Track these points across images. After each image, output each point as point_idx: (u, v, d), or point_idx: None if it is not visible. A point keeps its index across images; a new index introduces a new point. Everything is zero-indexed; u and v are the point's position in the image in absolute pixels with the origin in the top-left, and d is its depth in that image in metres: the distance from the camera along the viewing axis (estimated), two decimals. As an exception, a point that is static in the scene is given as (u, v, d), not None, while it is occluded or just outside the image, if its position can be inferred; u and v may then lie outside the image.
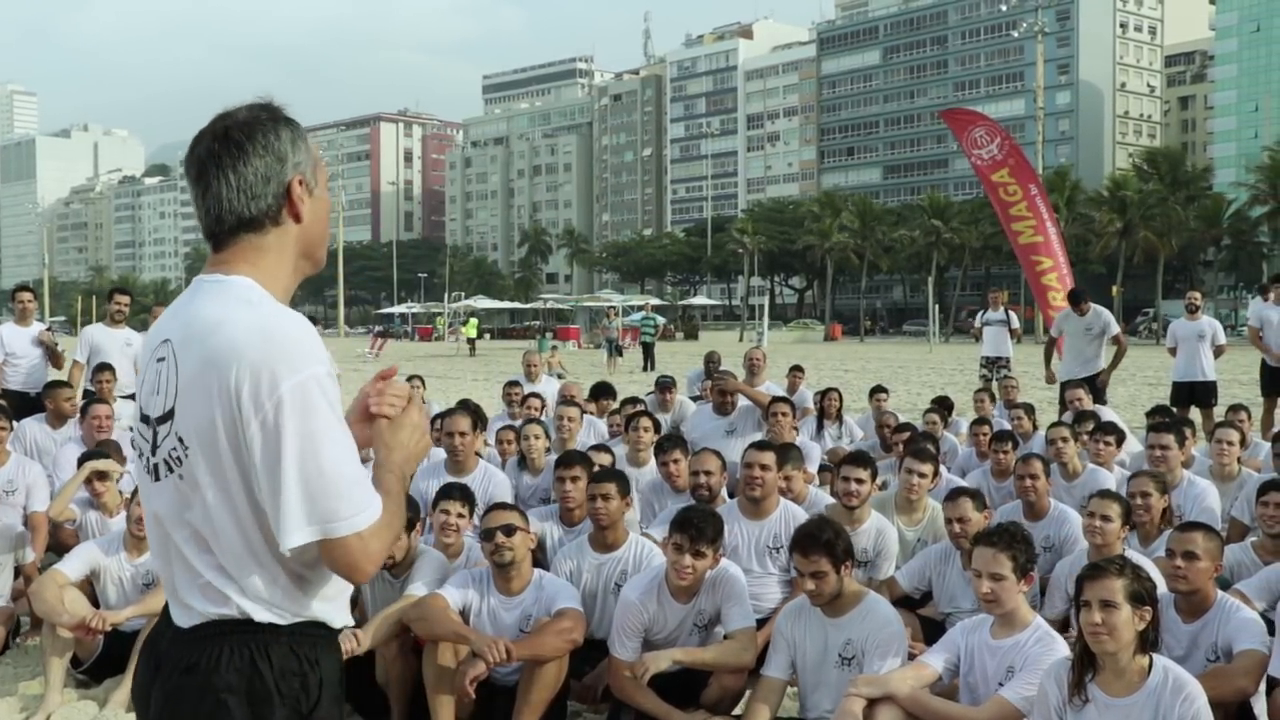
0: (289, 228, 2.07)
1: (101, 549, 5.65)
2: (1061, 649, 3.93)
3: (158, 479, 2.02)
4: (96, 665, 5.57)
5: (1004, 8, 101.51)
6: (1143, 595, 3.50)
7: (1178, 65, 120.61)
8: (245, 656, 1.96)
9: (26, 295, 10.28)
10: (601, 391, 11.31)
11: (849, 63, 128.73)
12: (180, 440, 1.96)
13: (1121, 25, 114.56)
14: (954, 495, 5.53)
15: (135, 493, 5.77)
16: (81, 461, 6.80)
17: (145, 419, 2.06)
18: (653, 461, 7.48)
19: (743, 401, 8.73)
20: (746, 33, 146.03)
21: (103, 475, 6.60)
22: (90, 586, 5.63)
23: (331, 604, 2.06)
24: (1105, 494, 5.50)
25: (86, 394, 9.80)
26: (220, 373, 1.90)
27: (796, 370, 12.88)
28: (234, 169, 2.02)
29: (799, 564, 4.40)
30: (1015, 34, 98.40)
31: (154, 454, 2.02)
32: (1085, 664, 3.55)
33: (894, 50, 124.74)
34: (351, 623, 2.15)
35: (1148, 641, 3.52)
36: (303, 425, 1.88)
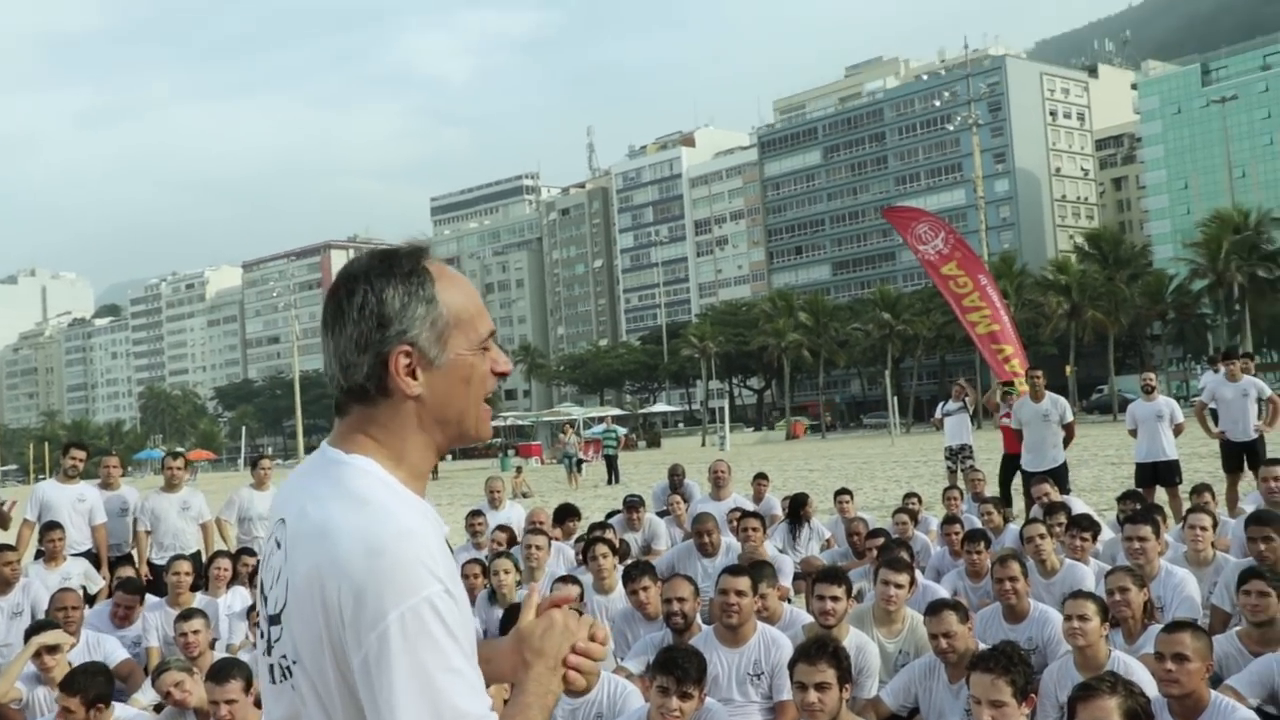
0: (403, 403, 1.76)
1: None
2: (1063, 774, 3.79)
3: (274, 681, 1.79)
4: None
5: (937, 103, 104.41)
6: (1139, 713, 3.39)
7: (1108, 148, 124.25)
8: None
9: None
10: (566, 514, 11.15)
11: (791, 164, 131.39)
12: (290, 649, 1.73)
13: (1051, 113, 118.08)
14: (936, 609, 5.40)
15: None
16: (30, 634, 6.50)
17: (264, 599, 1.81)
18: (620, 588, 7.32)
19: (725, 540, 8.63)
20: (688, 140, 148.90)
21: (52, 649, 6.30)
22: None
23: None
24: (1079, 594, 5.41)
25: (38, 554, 9.51)
26: (324, 591, 1.65)
27: (761, 478, 12.80)
28: (334, 332, 1.77)
29: (802, 675, 4.22)
30: (950, 127, 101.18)
31: (269, 653, 1.79)
32: (1087, 789, 3.41)
33: (834, 149, 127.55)
34: None
35: (1148, 761, 3.39)
36: (412, 661, 1.60)
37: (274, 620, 1.76)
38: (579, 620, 1.86)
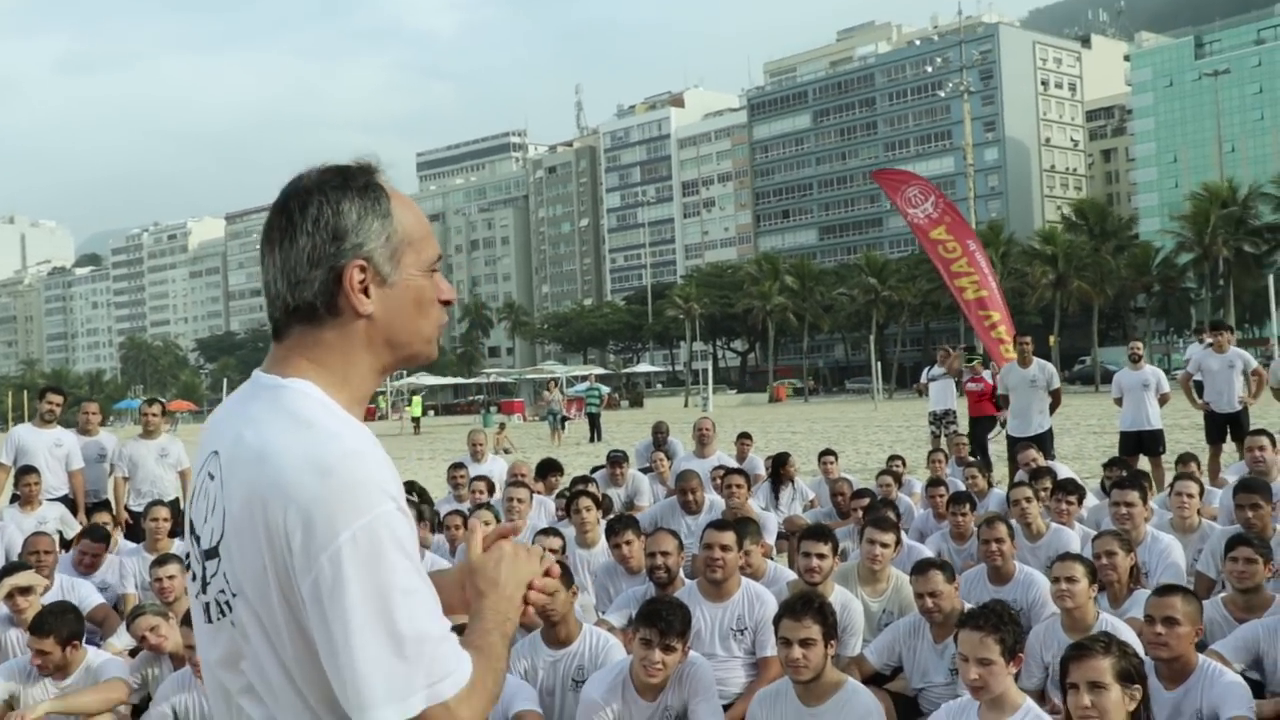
0: (352, 322, 1.69)
1: (20, 672, 5.29)
2: (1051, 734, 3.74)
3: (209, 620, 1.70)
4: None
5: (929, 69, 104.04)
6: (1131, 673, 3.33)
7: (1098, 120, 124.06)
8: None
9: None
10: (549, 468, 11.08)
11: (780, 127, 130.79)
12: (228, 583, 1.64)
13: (1043, 83, 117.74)
14: (923, 568, 5.35)
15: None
16: (2, 575, 6.41)
17: (195, 539, 1.73)
18: (603, 542, 7.27)
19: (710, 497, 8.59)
20: (678, 101, 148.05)
21: (25, 590, 6.21)
22: (11, 710, 5.27)
23: None
24: (1067, 556, 5.38)
25: (13, 498, 9.42)
26: (268, 515, 1.57)
27: (745, 437, 12.75)
28: (281, 247, 1.68)
29: (787, 630, 4.17)
30: (941, 94, 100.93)
31: (204, 590, 1.70)
32: (1077, 749, 3.36)
33: (824, 113, 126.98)
34: None
35: (1140, 722, 3.34)
36: (368, 581, 1.53)
37: (209, 555, 1.67)
38: (530, 552, 1.80)
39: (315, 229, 1.67)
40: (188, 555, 1.80)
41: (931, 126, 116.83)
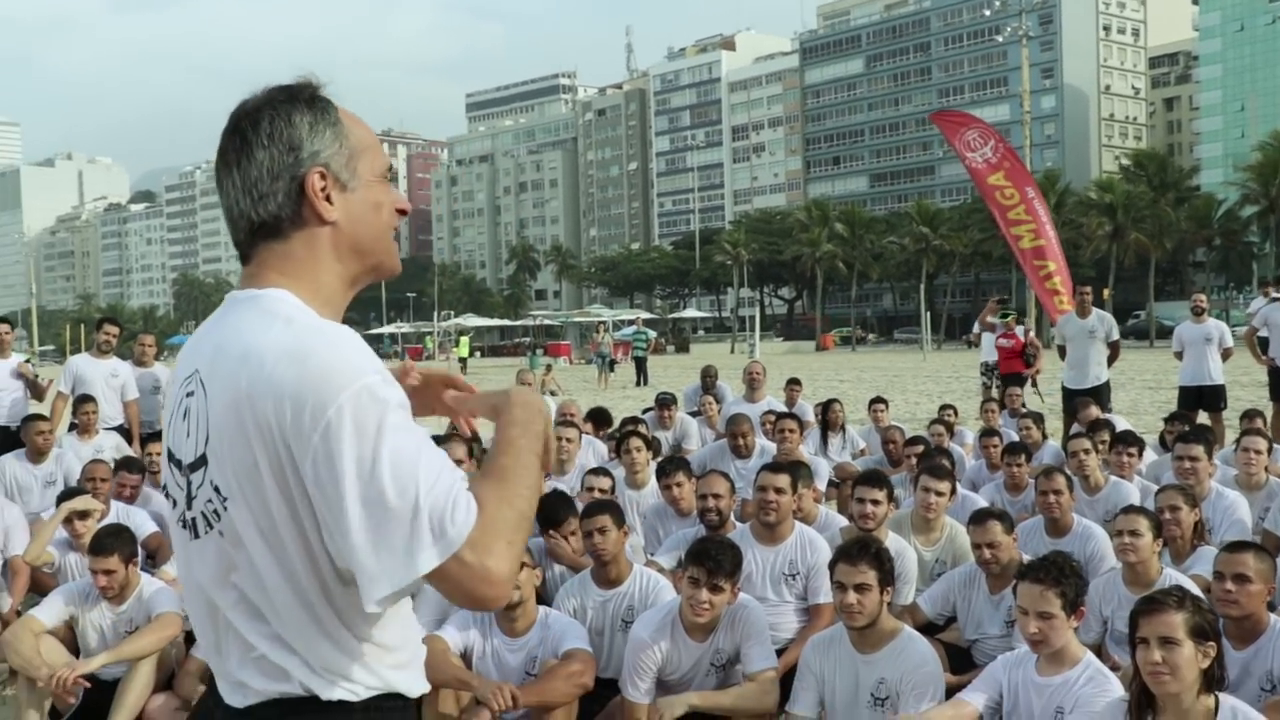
0: (315, 230, 1.72)
1: (80, 595, 5.34)
2: (1116, 689, 3.63)
3: (196, 536, 1.69)
4: (76, 717, 5.26)
5: (987, 13, 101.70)
6: (1205, 629, 3.21)
7: (1162, 67, 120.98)
8: None
9: (3, 327, 9.99)
10: (599, 418, 10.98)
11: (832, 72, 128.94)
12: (217, 490, 1.63)
13: (1105, 28, 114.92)
14: (981, 518, 5.24)
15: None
16: (61, 500, 6.49)
17: (176, 464, 1.73)
18: (652, 483, 7.22)
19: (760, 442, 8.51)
20: (729, 44, 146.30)
21: (83, 515, 6.29)
22: (71, 632, 5.34)
23: (407, 671, 1.73)
24: (1131, 509, 5.24)
25: (71, 426, 9.54)
26: (255, 409, 1.57)
27: (794, 383, 12.66)
28: (238, 165, 1.70)
29: (842, 575, 4.09)
30: (999, 39, 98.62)
31: (189, 507, 1.69)
32: (1144, 706, 3.26)
33: (877, 58, 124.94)
34: (429, 688, 1.80)
35: (1213, 680, 3.22)
36: (358, 448, 1.53)
37: (194, 467, 1.67)
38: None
39: (271, 142, 1.70)
40: (164, 483, 1.79)
41: (987, 73, 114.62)
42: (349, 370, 1.57)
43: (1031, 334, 15.31)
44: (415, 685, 1.75)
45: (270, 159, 1.69)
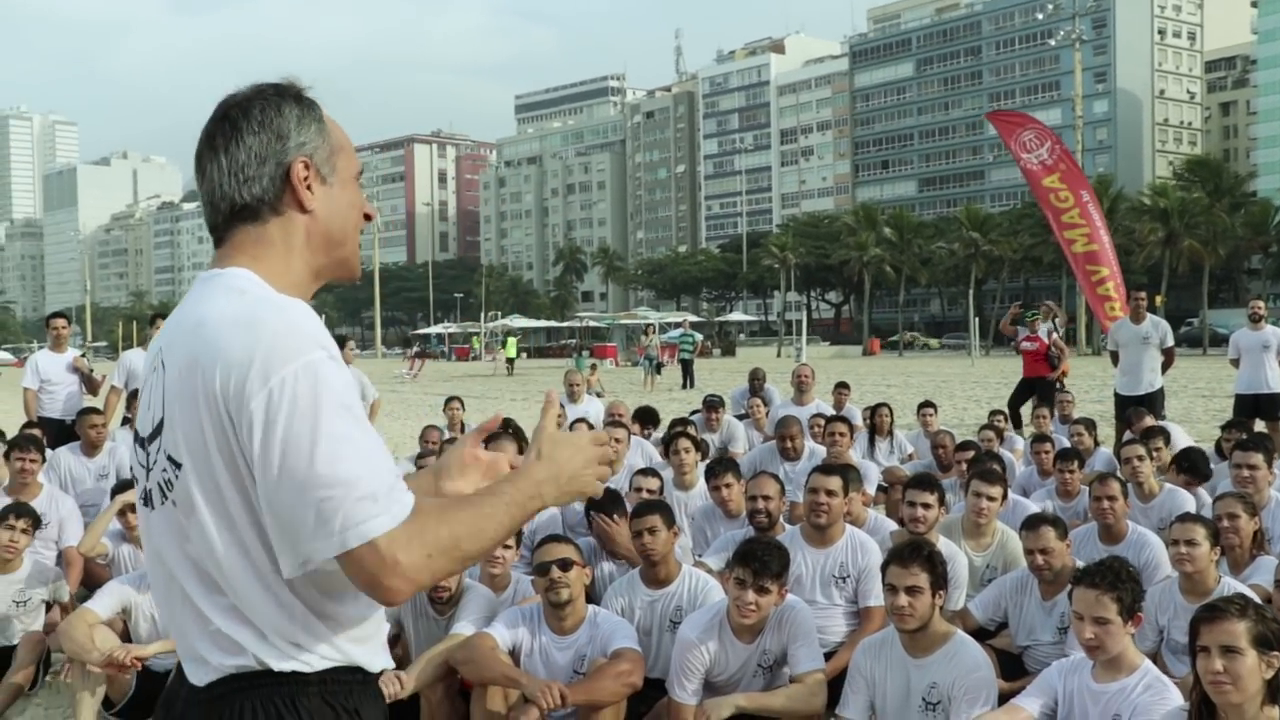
0: (293, 217, 1.77)
1: (133, 585, 5.41)
2: (1175, 698, 3.57)
3: (152, 507, 1.73)
4: (129, 706, 5.33)
5: (1039, 16, 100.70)
6: (1270, 639, 3.14)
7: (1218, 70, 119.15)
8: (271, 714, 1.66)
9: (60, 322, 10.15)
10: (645, 418, 10.98)
11: (882, 75, 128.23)
12: (170, 459, 1.66)
13: (1160, 31, 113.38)
14: (1034, 523, 5.17)
15: None
16: (115, 493, 6.58)
17: (140, 440, 1.78)
18: (701, 484, 7.20)
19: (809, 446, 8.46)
20: (778, 47, 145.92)
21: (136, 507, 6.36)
22: (123, 624, 5.40)
23: (366, 645, 1.74)
24: (1187, 517, 5.15)
25: (124, 420, 9.67)
26: (204, 376, 1.61)
27: (842, 387, 12.59)
28: (225, 149, 1.76)
29: (894, 577, 4.05)
30: (1051, 42, 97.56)
31: (147, 478, 1.73)
32: (1204, 717, 3.20)
33: (927, 62, 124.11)
34: (392, 665, 1.81)
35: (1277, 692, 3.15)
36: (294, 423, 1.56)
37: (150, 439, 1.72)
38: (597, 445, 1.82)
39: (262, 128, 1.75)
40: (131, 465, 1.82)
41: (1039, 77, 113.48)
42: (295, 343, 1.60)
43: (1055, 335, 15.05)
44: (376, 660, 1.76)
45: (260, 143, 1.75)
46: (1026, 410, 13.41)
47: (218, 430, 1.61)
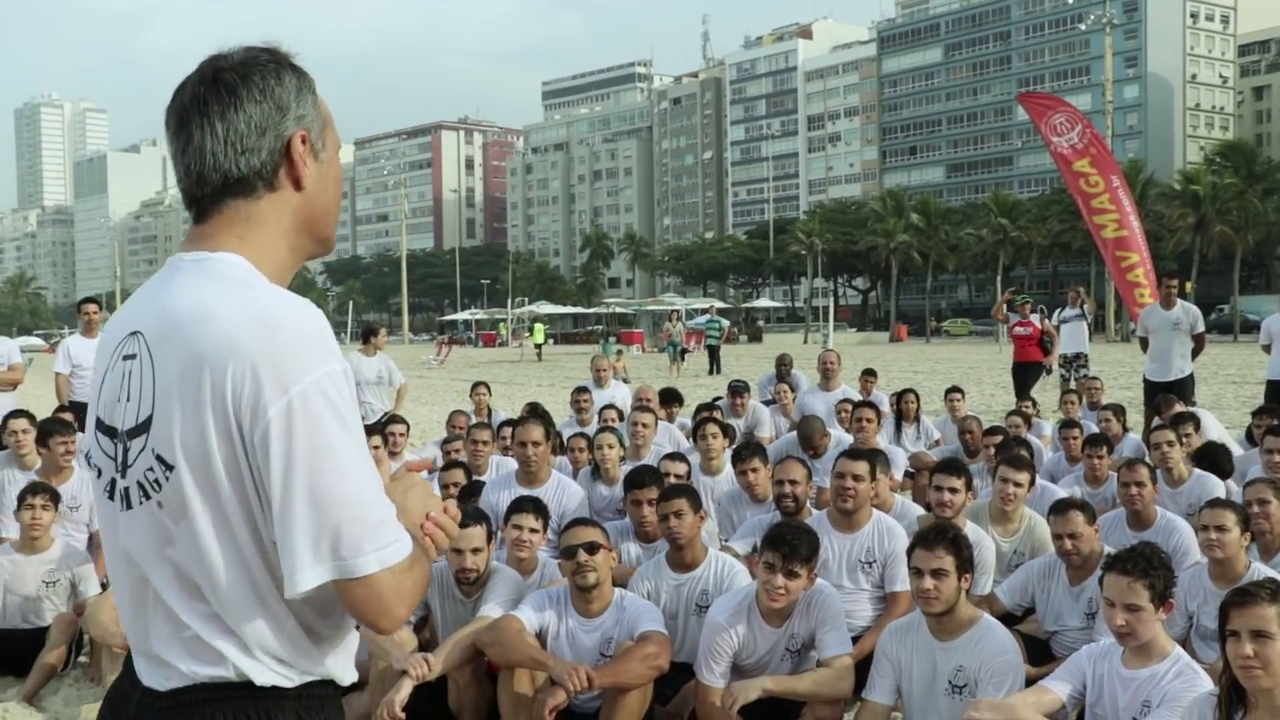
0: (287, 195, 1.68)
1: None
2: (1205, 683, 3.55)
3: (128, 506, 1.62)
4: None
5: (1069, 1, 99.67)
6: (1300, 624, 3.13)
7: (1252, 54, 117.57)
8: None
9: (92, 307, 10.24)
10: (669, 398, 11.03)
11: (910, 61, 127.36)
12: (160, 459, 1.57)
13: (1192, 15, 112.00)
14: (1063, 508, 5.15)
15: None
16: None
17: (108, 431, 1.66)
18: (728, 469, 7.21)
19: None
20: (806, 33, 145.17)
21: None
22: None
23: (344, 658, 1.70)
24: (1217, 502, 5.12)
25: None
26: (213, 374, 1.52)
27: (869, 374, 12.55)
28: (222, 116, 1.63)
29: (919, 560, 4.05)
30: (1081, 27, 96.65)
31: (123, 475, 1.62)
32: (1234, 701, 3.19)
33: (956, 47, 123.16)
34: (356, 678, 1.77)
35: (1307, 675, 3.14)
36: (315, 438, 1.51)
37: (133, 434, 1.61)
38: (429, 491, 1.76)
39: (264, 97, 1.66)
40: (89, 453, 1.72)
41: (1069, 62, 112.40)
42: (315, 352, 1.55)
43: (1048, 322, 15.00)
44: (348, 674, 1.72)
45: (262, 113, 1.65)
46: (1038, 395, 13.42)
47: (223, 431, 1.53)
